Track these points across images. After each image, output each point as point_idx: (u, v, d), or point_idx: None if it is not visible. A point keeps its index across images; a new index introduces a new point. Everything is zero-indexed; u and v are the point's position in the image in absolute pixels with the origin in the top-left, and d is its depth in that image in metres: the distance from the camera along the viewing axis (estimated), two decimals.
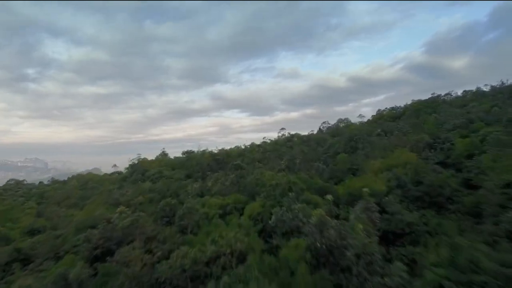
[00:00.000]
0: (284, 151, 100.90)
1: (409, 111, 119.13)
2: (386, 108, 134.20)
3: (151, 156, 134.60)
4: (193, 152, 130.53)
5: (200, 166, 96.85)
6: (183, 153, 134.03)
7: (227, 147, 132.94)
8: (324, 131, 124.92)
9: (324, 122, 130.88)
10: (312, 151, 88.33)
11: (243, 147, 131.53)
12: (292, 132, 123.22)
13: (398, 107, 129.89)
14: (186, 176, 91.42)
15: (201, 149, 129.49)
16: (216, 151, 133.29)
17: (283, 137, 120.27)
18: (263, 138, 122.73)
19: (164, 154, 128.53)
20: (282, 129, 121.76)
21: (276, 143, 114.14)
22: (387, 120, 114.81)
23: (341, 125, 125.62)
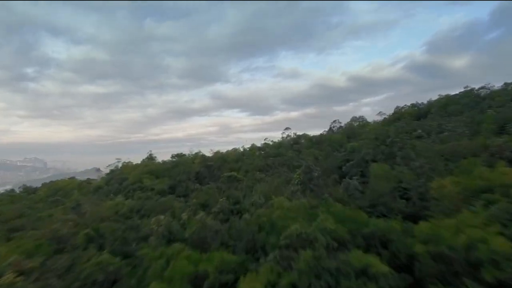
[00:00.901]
0: (290, 155, 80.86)
1: (434, 108, 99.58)
2: (405, 105, 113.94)
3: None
4: (183, 155, 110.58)
5: (187, 175, 76.72)
6: (173, 156, 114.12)
7: (224, 149, 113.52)
8: (336, 131, 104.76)
9: (334, 121, 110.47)
10: (327, 157, 68.26)
11: (241, 149, 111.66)
12: (299, 133, 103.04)
13: (420, 104, 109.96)
14: (169, 188, 71.33)
15: (193, 152, 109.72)
16: (211, 154, 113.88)
17: (288, 138, 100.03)
18: (265, 139, 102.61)
19: (150, 158, 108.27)
20: (287, 128, 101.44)
21: (280, 145, 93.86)
22: (410, 118, 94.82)
23: (355, 124, 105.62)
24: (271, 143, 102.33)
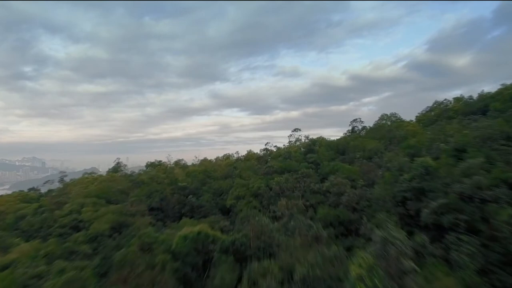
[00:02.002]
0: (304, 171, 52.13)
1: (496, 102, 70.80)
2: (445, 99, 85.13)
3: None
4: (160, 164, 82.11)
5: (149, 201, 47.85)
6: (147, 165, 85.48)
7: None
8: (360, 133, 75.94)
9: (355, 120, 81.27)
10: (367, 179, 39.59)
11: (235, 156, 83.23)
12: (311, 135, 74.23)
13: (469, 98, 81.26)
14: (111, 230, 42.50)
15: (172, 161, 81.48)
16: (196, 162, 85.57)
17: (298, 143, 71.18)
18: (266, 144, 73.93)
19: (115, 169, 79.33)
20: (296, 130, 72.53)
21: (288, 154, 64.69)
22: (467, 117, 66.05)
23: (386, 123, 76.77)
24: (274, 149, 73.79)
